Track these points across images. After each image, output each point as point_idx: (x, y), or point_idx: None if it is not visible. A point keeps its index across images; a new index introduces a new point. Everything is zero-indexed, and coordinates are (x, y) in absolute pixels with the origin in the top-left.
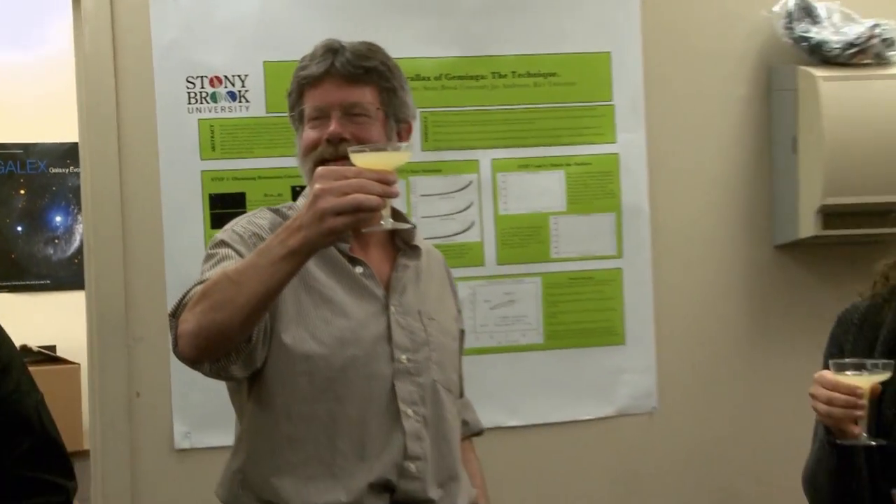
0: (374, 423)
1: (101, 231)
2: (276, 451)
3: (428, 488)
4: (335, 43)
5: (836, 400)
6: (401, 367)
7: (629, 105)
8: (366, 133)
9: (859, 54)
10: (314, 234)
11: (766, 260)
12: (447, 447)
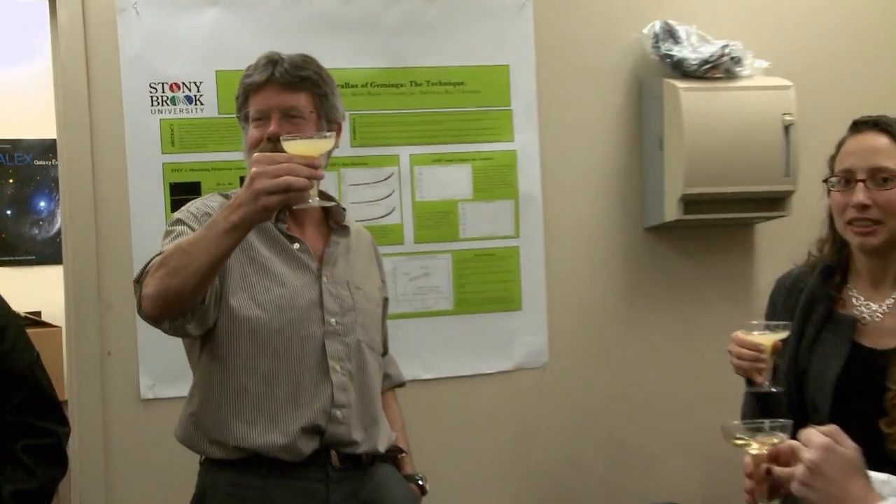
0: (306, 377)
1: (77, 214)
2: (223, 398)
3: (352, 431)
4: (275, 55)
5: (744, 355)
6: (330, 329)
7: (524, 110)
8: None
9: (712, 69)
10: (251, 210)
11: (637, 239)
12: (369, 397)
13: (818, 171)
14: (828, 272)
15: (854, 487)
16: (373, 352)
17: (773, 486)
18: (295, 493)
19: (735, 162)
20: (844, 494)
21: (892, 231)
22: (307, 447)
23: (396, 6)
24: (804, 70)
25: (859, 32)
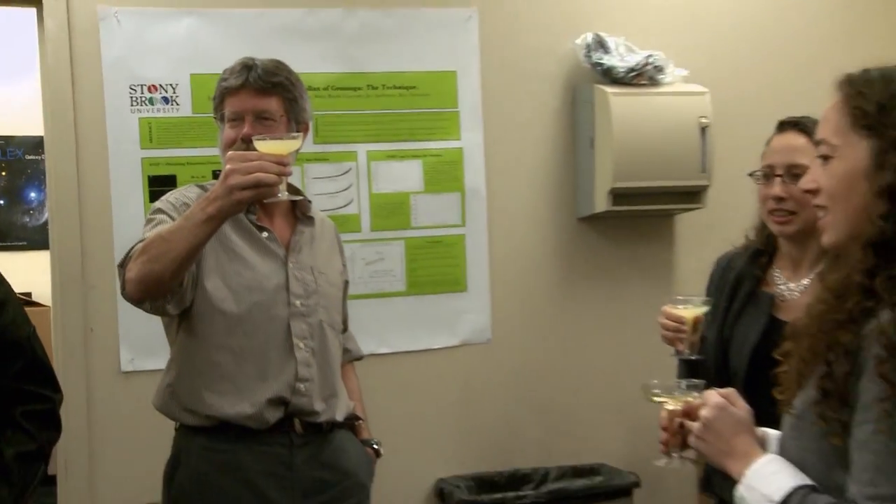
0: (273, 353)
1: (63, 204)
2: (197, 371)
3: (314, 403)
4: (250, 60)
5: (668, 326)
6: (295, 310)
7: (470, 111)
8: (272, 133)
9: (638, 77)
10: (226, 203)
11: (571, 228)
12: (330, 371)
13: (730, 168)
14: (756, 254)
15: (739, 443)
16: (333, 330)
17: (684, 438)
18: (261, 456)
19: (657, 159)
20: (730, 449)
21: (806, 221)
22: (273, 416)
23: (354, 17)
24: (718, 78)
25: (768, 45)
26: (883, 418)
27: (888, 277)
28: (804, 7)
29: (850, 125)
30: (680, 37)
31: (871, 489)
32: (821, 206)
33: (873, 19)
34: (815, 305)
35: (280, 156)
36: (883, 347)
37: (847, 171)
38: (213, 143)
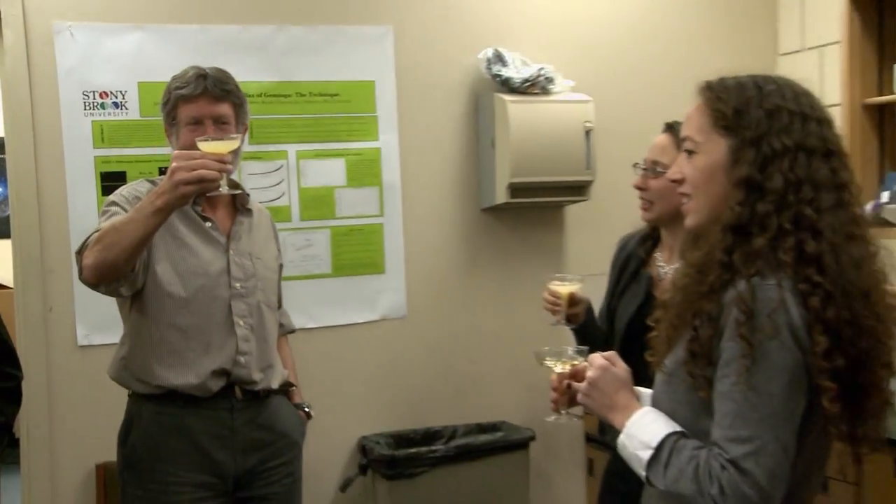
0: (215, 330)
1: (23, 198)
2: (148, 346)
3: (252, 373)
4: (202, 70)
5: (548, 300)
6: (235, 291)
7: (386, 116)
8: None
9: (532, 87)
10: (172, 197)
11: (475, 218)
12: (266, 346)
13: (610, 165)
14: (644, 239)
15: (620, 398)
16: (270, 309)
17: (571, 397)
18: (206, 419)
19: (549, 158)
20: (612, 403)
21: (663, 210)
22: (216, 385)
23: (284, 33)
24: (600, 88)
25: (641, 61)
26: (742, 373)
27: (744, 254)
28: (672, 28)
29: (711, 125)
30: (568, 52)
31: (732, 432)
32: (685, 194)
33: (729, 36)
34: (681, 279)
35: (221, 155)
36: (741, 312)
37: (708, 164)
38: (158, 142)
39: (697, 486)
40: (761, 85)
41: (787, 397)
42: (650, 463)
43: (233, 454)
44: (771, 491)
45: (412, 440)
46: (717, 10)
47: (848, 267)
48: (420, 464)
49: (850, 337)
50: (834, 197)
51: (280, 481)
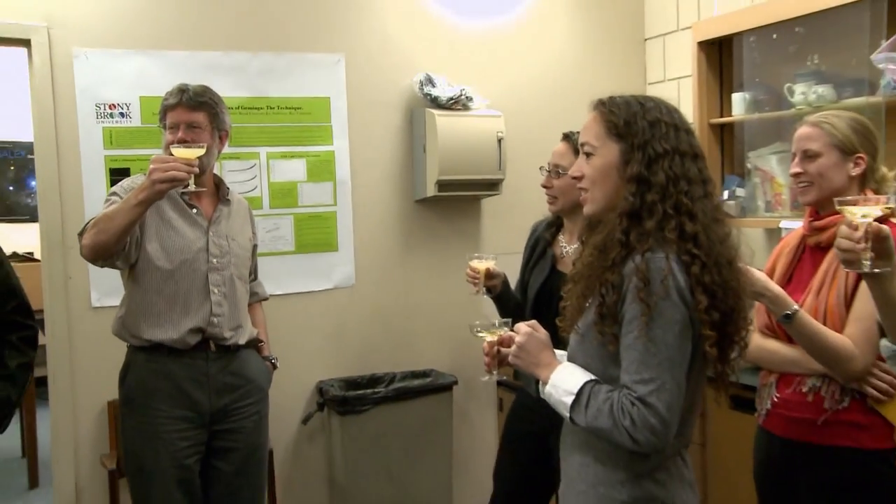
0: (194, 296)
1: (48, 189)
2: (139, 309)
3: (224, 331)
4: (185, 85)
5: (468, 274)
6: (212, 265)
7: (339, 126)
8: (199, 137)
9: (455, 104)
10: (151, 193)
11: (410, 207)
12: (236, 309)
13: (516, 167)
14: (550, 224)
15: (543, 357)
16: (241, 280)
17: (501, 360)
18: (186, 367)
19: (468, 160)
20: (538, 361)
21: (565, 203)
22: (193, 340)
23: (257, 58)
24: (509, 105)
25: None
26: (643, 328)
27: (638, 234)
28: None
29: (606, 133)
30: (484, 76)
31: (638, 376)
32: (583, 188)
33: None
34: (586, 258)
35: (188, 159)
36: (639, 280)
37: (604, 164)
38: (156, 144)
39: (613, 421)
40: (643, 102)
41: (678, 345)
42: (573, 406)
43: (208, 395)
44: (670, 419)
45: (360, 384)
46: (601, 48)
47: (716, 242)
48: (366, 402)
49: (721, 296)
50: (702, 189)
51: (249, 417)
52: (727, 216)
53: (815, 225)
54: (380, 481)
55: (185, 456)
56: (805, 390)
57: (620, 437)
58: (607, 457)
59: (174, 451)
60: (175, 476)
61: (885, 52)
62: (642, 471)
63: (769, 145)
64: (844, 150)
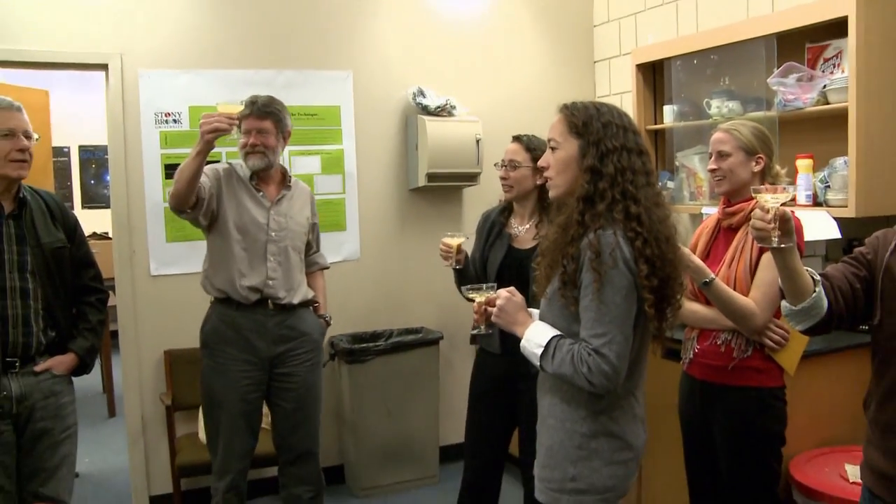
0: (254, 261)
1: (118, 182)
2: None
3: (278, 292)
4: (255, 98)
5: (443, 249)
6: (271, 238)
7: (348, 129)
8: (266, 140)
9: (442, 112)
10: (202, 143)
11: (405, 195)
12: (289, 275)
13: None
14: (503, 210)
15: (519, 317)
16: (296, 252)
17: (487, 317)
18: (248, 318)
19: (452, 157)
20: (515, 321)
21: (518, 191)
22: (252, 297)
23: (281, 75)
24: (485, 112)
25: (512, 95)
26: (595, 292)
27: (591, 215)
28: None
29: (567, 131)
30: (465, 89)
31: (592, 331)
32: (549, 177)
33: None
34: (551, 235)
35: (229, 114)
36: (592, 252)
37: (565, 157)
38: None
39: (574, 368)
40: (599, 107)
41: (625, 305)
42: (542, 356)
43: (266, 343)
44: (619, 365)
45: (363, 338)
46: (559, 67)
47: (656, 222)
48: (369, 354)
49: (660, 265)
50: (645, 179)
51: (302, 364)
52: (666, 202)
53: (728, 210)
54: (380, 418)
55: (247, 392)
56: (719, 343)
57: (580, 381)
58: (571, 397)
59: (239, 388)
60: (240, 408)
61: (777, 77)
62: (599, 408)
63: (693, 147)
64: (748, 151)
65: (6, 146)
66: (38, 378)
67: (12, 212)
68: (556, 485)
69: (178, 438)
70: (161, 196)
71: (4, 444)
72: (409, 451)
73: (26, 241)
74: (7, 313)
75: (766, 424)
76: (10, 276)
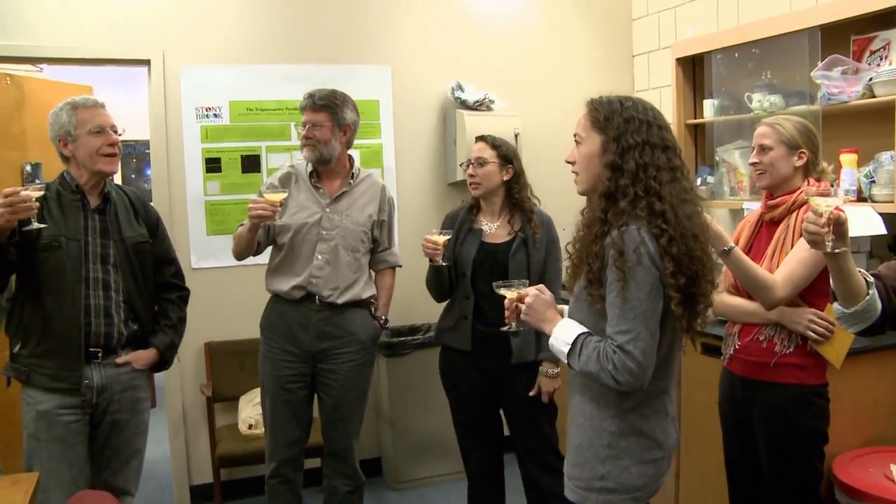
0: (302, 260)
1: (159, 176)
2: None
3: (323, 290)
4: (312, 92)
5: (429, 246)
6: (321, 236)
7: (387, 123)
8: (321, 133)
9: (480, 105)
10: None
11: (443, 189)
12: (337, 273)
13: (528, 156)
14: (471, 208)
15: (549, 314)
16: (347, 250)
17: (518, 313)
18: (296, 313)
19: None
20: (544, 318)
21: (486, 188)
22: (297, 294)
23: (320, 70)
24: (524, 106)
25: (551, 90)
26: (620, 289)
27: (614, 213)
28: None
29: (591, 126)
30: (504, 83)
31: (618, 328)
32: (574, 172)
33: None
34: (578, 233)
35: (273, 201)
36: (616, 250)
37: (588, 152)
38: (241, 138)
39: (599, 365)
40: (623, 101)
41: (650, 302)
42: (569, 353)
43: (310, 338)
44: (645, 362)
45: (402, 332)
46: (598, 62)
47: (683, 219)
48: (407, 347)
49: (687, 263)
50: (670, 175)
51: (346, 363)
52: (697, 198)
53: (770, 203)
54: (418, 411)
55: (287, 381)
56: (761, 339)
57: (605, 378)
58: (600, 396)
59: (280, 377)
60: (280, 395)
61: (821, 70)
62: (628, 407)
63: (733, 142)
64: (791, 145)
65: (97, 142)
66: (119, 370)
67: (97, 206)
68: (584, 483)
69: (219, 429)
70: (202, 190)
71: (79, 432)
72: (446, 444)
73: (109, 235)
74: (90, 303)
75: (808, 422)
76: (94, 267)
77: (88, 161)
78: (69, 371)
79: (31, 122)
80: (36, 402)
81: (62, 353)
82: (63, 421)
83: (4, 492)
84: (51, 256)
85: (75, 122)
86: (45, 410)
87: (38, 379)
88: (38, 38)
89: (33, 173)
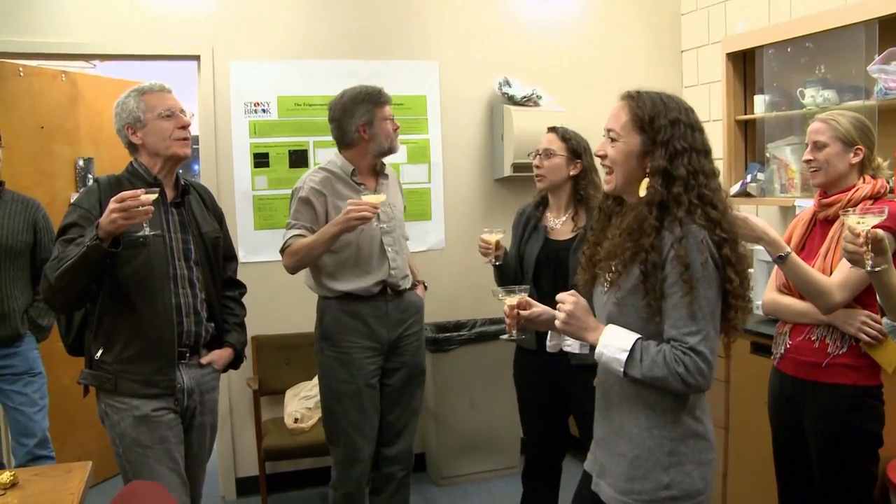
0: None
1: (208, 170)
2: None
3: (398, 281)
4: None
5: (482, 246)
6: (383, 230)
7: (434, 118)
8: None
9: (527, 101)
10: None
11: (490, 185)
12: (403, 262)
13: None
14: (538, 204)
15: (590, 322)
16: (403, 238)
17: (519, 321)
18: (371, 307)
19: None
20: (586, 326)
21: (552, 181)
22: (376, 289)
23: (368, 66)
24: (570, 102)
25: (598, 86)
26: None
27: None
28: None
29: (630, 123)
30: (551, 78)
31: (686, 329)
32: (607, 167)
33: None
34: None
35: (374, 204)
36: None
37: (626, 151)
38: (289, 133)
39: (668, 369)
40: (666, 101)
41: (714, 300)
42: (628, 361)
43: (387, 328)
44: (714, 362)
45: (447, 328)
46: (646, 57)
47: (733, 226)
48: (452, 343)
49: (738, 264)
50: (716, 182)
51: (412, 343)
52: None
53: (824, 202)
54: (462, 407)
55: (371, 376)
56: (813, 339)
57: (674, 383)
58: (655, 402)
59: (364, 374)
60: (366, 393)
61: (878, 64)
62: (684, 411)
63: (784, 138)
64: (846, 142)
65: (168, 126)
66: (203, 371)
67: (174, 199)
68: (648, 496)
69: (265, 422)
70: (250, 184)
71: (179, 433)
72: (490, 441)
73: (189, 230)
74: (180, 301)
75: (862, 424)
76: (178, 263)
77: (161, 146)
78: (162, 375)
79: (83, 118)
80: (131, 408)
81: (155, 356)
82: (164, 422)
83: (59, 479)
84: (136, 255)
85: (144, 108)
86: (144, 415)
87: (126, 386)
88: (90, 34)
89: (86, 168)
